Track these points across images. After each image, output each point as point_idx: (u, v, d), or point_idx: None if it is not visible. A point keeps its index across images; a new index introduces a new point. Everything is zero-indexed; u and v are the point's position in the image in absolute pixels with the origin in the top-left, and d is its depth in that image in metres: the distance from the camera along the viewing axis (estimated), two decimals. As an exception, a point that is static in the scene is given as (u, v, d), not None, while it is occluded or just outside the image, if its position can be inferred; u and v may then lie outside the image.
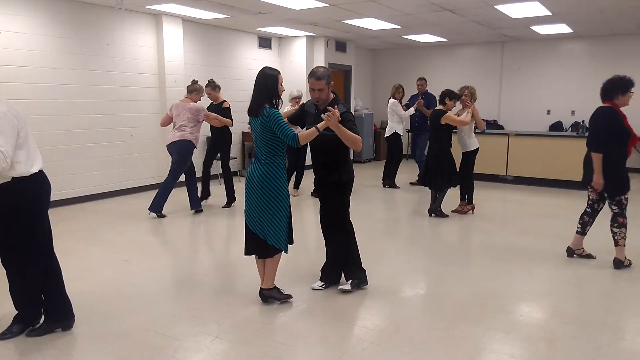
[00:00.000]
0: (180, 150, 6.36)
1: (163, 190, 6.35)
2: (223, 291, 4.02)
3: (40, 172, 3.12)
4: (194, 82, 6.58)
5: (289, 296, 3.78)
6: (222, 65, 9.59)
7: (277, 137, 3.49)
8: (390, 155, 8.72)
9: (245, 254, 3.77)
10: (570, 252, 4.82)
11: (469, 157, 6.52)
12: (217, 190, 8.58)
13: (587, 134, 4.73)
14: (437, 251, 5.30)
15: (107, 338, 3.20)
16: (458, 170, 6.51)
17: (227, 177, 7.07)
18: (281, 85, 3.61)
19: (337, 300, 3.83)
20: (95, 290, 3.91)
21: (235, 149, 9.98)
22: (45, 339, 3.16)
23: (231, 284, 4.17)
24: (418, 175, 8.99)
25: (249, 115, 3.61)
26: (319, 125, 3.46)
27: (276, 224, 3.58)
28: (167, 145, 6.46)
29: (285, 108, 7.57)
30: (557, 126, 10.91)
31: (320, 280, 4.06)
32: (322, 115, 3.45)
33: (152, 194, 6.80)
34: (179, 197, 6.78)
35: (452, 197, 6.75)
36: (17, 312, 3.22)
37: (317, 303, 3.79)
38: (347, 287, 3.94)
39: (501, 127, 11.23)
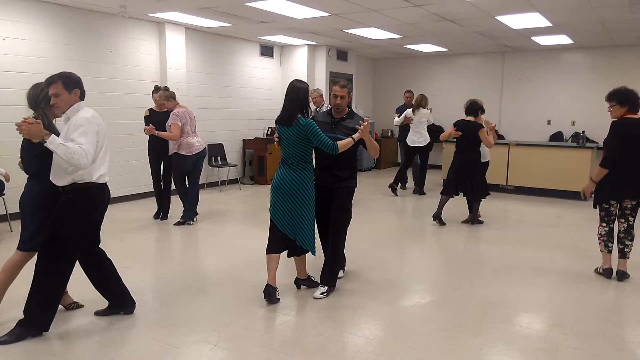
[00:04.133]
0: (205, 156, 6.54)
1: (195, 200, 6.43)
2: (223, 299, 4.01)
3: (102, 184, 3.34)
4: (167, 88, 6.46)
5: (318, 283, 4.10)
6: (224, 73, 9.63)
7: (308, 145, 3.76)
8: (422, 164, 8.88)
9: (269, 253, 3.90)
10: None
11: (485, 167, 6.69)
12: (213, 198, 8.59)
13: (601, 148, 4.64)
14: (437, 261, 5.30)
15: (105, 345, 3.20)
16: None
17: (169, 188, 6.68)
18: (310, 97, 3.85)
19: (336, 309, 3.82)
20: (95, 297, 3.90)
21: (236, 157, 10.01)
22: (43, 345, 3.16)
23: (231, 292, 4.17)
24: (415, 185, 9.09)
25: (279, 125, 3.80)
26: (354, 136, 3.81)
27: (306, 226, 3.85)
28: (190, 155, 6.22)
29: None
30: (557, 136, 10.94)
31: (321, 285, 4.06)
32: (358, 126, 3.82)
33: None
34: (180, 204, 6.77)
35: (458, 206, 6.77)
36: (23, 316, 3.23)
37: (316, 312, 3.79)
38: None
39: (502, 137, 11.24)
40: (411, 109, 8.63)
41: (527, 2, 6.54)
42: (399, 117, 8.82)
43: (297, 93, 3.75)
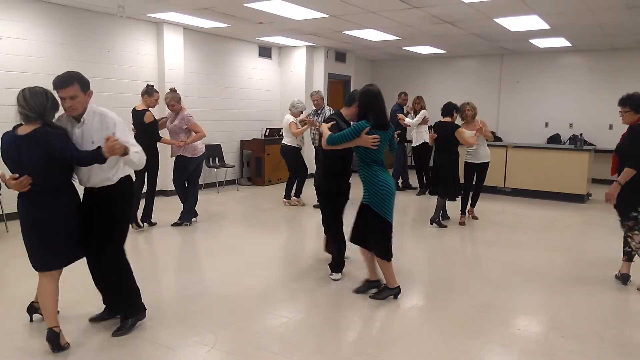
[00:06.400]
0: (205, 158, 6.58)
1: (195, 202, 6.45)
2: (220, 301, 3.99)
3: (129, 176, 3.40)
4: (175, 89, 6.38)
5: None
6: (222, 73, 9.62)
7: None
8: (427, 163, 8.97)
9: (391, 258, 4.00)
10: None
11: (485, 167, 6.80)
12: (211, 199, 8.57)
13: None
14: (435, 263, 5.29)
15: (102, 347, 3.18)
16: (474, 180, 6.80)
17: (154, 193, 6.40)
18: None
19: (334, 311, 3.81)
20: (91, 299, 3.87)
21: (233, 157, 9.99)
22: (40, 347, 3.13)
23: (228, 293, 4.15)
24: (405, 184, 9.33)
25: (380, 129, 3.86)
26: None
27: None
28: (195, 158, 6.28)
29: (288, 122, 7.49)
30: (555, 139, 10.95)
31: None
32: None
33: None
34: (178, 205, 6.74)
35: (455, 208, 6.77)
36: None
37: (314, 314, 3.78)
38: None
39: (499, 139, 11.27)
40: (425, 110, 8.74)
41: (525, 5, 6.54)
42: (408, 117, 8.84)
43: (382, 98, 3.93)
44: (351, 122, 4.10)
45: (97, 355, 3.08)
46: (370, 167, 3.88)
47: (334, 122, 4.08)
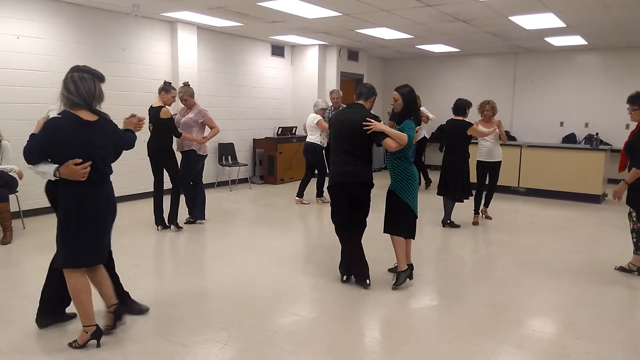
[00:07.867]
0: None
1: (205, 199, 6.50)
2: (232, 298, 4.01)
3: None
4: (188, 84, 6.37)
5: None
6: (235, 72, 9.65)
7: None
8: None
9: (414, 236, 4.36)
10: None
11: (498, 166, 6.70)
12: (223, 198, 8.60)
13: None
14: (448, 262, 5.27)
15: (115, 343, 3.20)
16: (487, 180, 6.71)
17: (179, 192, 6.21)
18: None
19: (346, 310, 3.81)
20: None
21: (246, 156, 10.02)
22: (53, 343, 3.18)
23: (241, 291, 4.17)
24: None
25: (418, 125, 4.31)
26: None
27: None
28: (204, 155, 6.34)
29: (315, 119, 7.53)
30: (570, 138, 10.82)
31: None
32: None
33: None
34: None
35: (469, 207, 6.73)
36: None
37: (326, 312, 3.78)
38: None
39: (514, 139, 11.16)
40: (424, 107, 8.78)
41: (540, 3, 6.47)
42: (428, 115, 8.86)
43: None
44: None
45: (110, 352, 3.11)
46: (401, 161, 4.19)
47: (380, 121, 4.18)
